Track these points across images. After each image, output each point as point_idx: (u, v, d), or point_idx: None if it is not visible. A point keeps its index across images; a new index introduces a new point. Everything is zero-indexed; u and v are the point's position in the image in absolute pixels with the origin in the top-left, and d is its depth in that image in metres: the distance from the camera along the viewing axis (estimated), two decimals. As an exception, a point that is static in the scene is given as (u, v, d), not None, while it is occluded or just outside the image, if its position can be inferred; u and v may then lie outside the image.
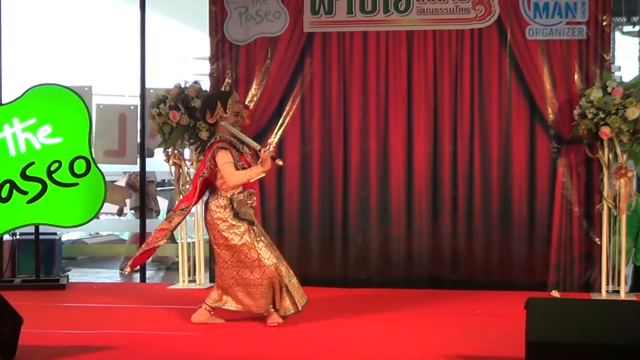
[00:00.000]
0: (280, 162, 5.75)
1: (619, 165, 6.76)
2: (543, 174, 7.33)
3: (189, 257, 7.62)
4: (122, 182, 11.14)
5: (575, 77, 7.21)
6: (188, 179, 7.51)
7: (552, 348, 4.23)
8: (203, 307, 5.82)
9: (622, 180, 6.71)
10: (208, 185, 5.97)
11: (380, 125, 7.54)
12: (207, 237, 7.89)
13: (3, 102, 7.80)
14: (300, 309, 5.73)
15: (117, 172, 10.45)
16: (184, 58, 16.26)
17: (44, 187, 7.30)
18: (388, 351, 5.12)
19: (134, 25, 8.17)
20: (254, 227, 5.72)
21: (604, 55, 7.18)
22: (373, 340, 5.36)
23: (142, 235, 8.45)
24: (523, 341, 4.27)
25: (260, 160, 5.65)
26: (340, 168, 7.57)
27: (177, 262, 9.78)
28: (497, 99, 7.37)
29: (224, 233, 5.67)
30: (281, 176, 7.64)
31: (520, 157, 7.35)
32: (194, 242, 7.64)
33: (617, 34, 15.20)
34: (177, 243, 7.97)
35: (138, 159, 8.26)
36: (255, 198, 5.85)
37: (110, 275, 9.60)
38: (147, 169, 8.46)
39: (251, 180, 5.70)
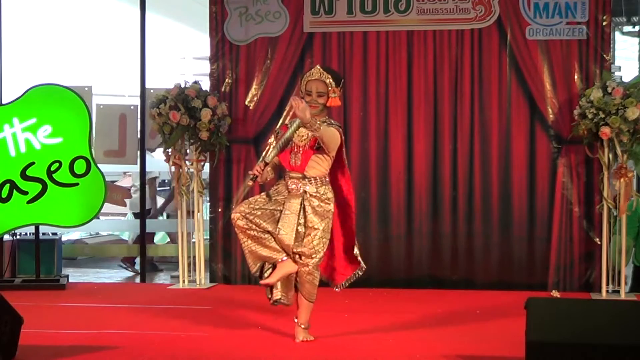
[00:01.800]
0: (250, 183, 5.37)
1: (619, 165, 6.76)
2: (543, 174, 7.33)
3: (189, 257, 7.61)
4: (122, 183, 11.12)
5: (575, 77, 7.22)
6: (188, 178, 7.52)
7: (552, 348, 4.22)
8: None
9: (622, 180, 6.71)
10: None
11: (380, 125, 7.54)
12: (207, 236, 7.95)
13: (3, 102, 7.80)
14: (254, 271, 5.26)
15: (117, 172, 10.44)
16: (184, 58, 16.26)
17: (44, 187, 7.30)
18: (388, 351, 5.12)
19: (134, 25, 8.17)
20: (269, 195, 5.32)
21: (604, 55, 7.18)
22: (373, 340, 5.36)
23: (142, 236, 8.45)
24: (523, 341, 4.27)
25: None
26: (340, 168, 7.56)
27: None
28: (497, 99, 7.37)
29: None
30: (281, 176, 7.61)
31: (520, 157, 7.35)
32: (194, 242, 7.63)
33: (617, 34, 15.20)
34: (177, 243, 7.96)
35: (138, 159, 8.26)
36: (286, 182, 5.33)
37: (110, 275, 9.59)
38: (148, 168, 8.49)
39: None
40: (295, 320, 5.30)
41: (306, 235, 5.18)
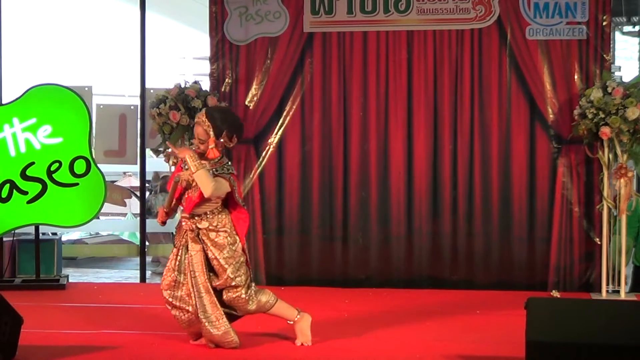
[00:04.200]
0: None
1: (619, 165, 6.76)
2: (543, 174, 7.33)
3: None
4: (122, 183, 11.14)
5: (575, 77, 7.22)
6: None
7: (552, 348, 4.23)
8: None
9: (622, 180, 6.71)
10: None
11: (380, 125, 7.54)
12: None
13: (3, 102, 7.79)
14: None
15: (117, 172, 10.47)
16: (184, 58, 16.29)
17: (44, 187, 7.30)
18: (388, 351, 5.12)
19: (134, 25, 8.17)
20: (179, 253, 5.14)
21: (604, 55, 7.18)
22: (373, 340, 5.36)
23: (142, 236, 8.45)
24: (523, 341, 4.27)
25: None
26: (340, 168, 7.57)
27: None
28: (497, 99, 7.37)
29: None
30: (281, 176, 7.65)
31: (520, 157, 7.35)
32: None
33: (617, 34, 15.22)
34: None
35: (138, 159, 8.25)
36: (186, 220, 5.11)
37: (110, 275, 9.60)
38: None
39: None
40: (289, 322, 5.26)
41: (216, 268, 5.05)
